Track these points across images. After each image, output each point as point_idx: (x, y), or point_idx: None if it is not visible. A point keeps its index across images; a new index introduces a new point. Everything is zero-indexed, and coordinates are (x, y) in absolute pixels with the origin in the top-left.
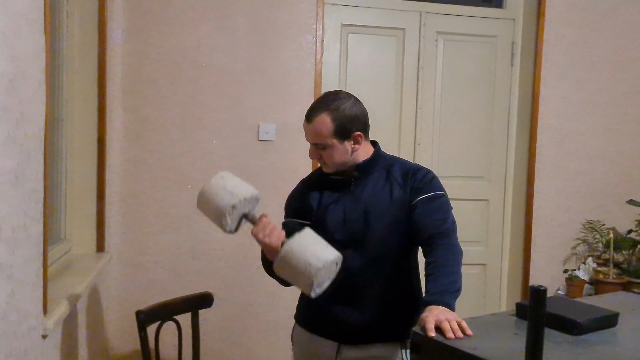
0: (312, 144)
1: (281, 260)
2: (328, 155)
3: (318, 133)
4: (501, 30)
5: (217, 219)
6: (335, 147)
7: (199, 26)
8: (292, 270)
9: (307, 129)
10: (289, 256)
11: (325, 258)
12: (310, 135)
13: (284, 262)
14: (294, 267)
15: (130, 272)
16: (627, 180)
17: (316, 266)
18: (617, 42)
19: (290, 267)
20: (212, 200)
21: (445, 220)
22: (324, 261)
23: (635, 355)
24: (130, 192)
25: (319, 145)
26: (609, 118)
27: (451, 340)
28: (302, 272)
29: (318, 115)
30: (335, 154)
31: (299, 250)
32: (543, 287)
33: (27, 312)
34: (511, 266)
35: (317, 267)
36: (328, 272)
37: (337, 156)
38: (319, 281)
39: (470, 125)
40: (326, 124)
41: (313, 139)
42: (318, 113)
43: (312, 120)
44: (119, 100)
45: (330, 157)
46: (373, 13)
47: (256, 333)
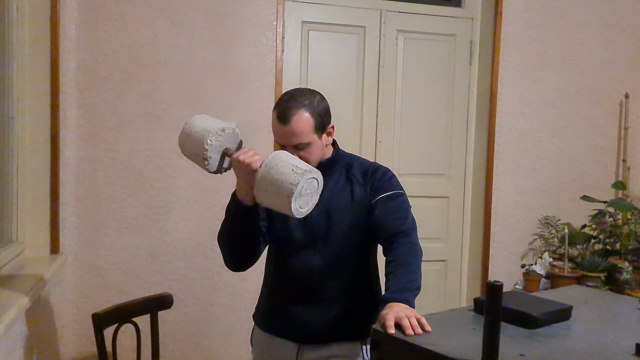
0: (290, 146)
1: (259, 181)
2: (309, 154)
3: (299, 132)
4: (460, 29)
5: (199, 152)
6: (315, 144)
7: (156, 22)
8: (271, 188)
9: (285, 130)
10: (270, 171)
11: (302, 169)
12: (289, 136)
13: (261, 182)
14: (276, 180)
15: (86, 274)
16: (581, 177)
17: (300, 170)
18: (570, 42)
19: (272, 182)
20: (192, 134)
21: (405, 219)
22: (301, 172)
23: (587, 347)
24: (85, 192)
25: (300, 146)
26: (563, 116)
27: (411, 337)
28: (281, 187)
29: (296, 114)
30: (315, 151)
31: (275, 165)
32: (499, 282)
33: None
34: (471, 262)
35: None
36: (307, 187)
37: (316, 153)
38: (298, 192)
39: (430, 123)
40: (307, 121)
41: (293, 140)
42: (295, 112)
43: (291, 120)
44: (73, 97)
45: (310, 156)
46: (334, 10)
47: (217, 334)
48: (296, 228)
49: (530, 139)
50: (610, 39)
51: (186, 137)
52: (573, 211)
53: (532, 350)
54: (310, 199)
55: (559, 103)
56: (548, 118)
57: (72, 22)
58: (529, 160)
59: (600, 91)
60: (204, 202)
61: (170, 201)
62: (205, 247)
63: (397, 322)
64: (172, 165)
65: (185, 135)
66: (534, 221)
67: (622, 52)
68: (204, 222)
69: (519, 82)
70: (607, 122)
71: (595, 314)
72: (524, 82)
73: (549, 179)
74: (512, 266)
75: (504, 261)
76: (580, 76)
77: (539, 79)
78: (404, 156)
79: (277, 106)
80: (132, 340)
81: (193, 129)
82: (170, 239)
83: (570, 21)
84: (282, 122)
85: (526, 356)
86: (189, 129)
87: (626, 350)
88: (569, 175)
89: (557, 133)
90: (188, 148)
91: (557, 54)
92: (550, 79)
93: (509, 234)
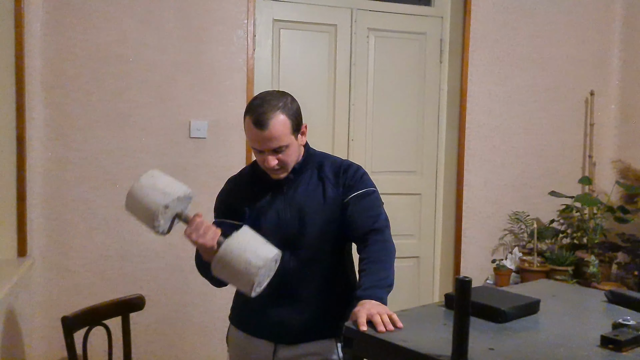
0: (268, 150)
1: (219, 261)
2: (287, 156)
3: (278, 135)
4: (430, 28)
5: (149, 221)
6: (292, 145)
7: (124, 20)
8: (232, 271)
9: (263, 136)
10: (227, 256)
11: (265, 256)
12: (267, 141)
13: (222, 262)
14: (234, 267)
15: (55, 277)
16: (549, 172)
17: (257, 265)
18: (537, 40)
19: (230, 267)
20: (143, 201)
21: (378, 217)
22: (264, 259)
23: (554, 339)
24: (53, 193)
25: (279, 149)
26: (531, 114)
27: (382, 334)
28: (242, 272)
29: (273, 118)
30: (293, 152)
31: (238, 249)
32: (467, 278)
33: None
34: (443, 258)
35: (258, 266)
36: (268, 270)
37: (294, 154)
38: (259, 280)
39: (402, 121)
40: (285, 123)
41: (272, 144)
42: (272, 115)
43: (269, 124)
44: (40, 97)
45: (289, 158)
46: (305, 9)
47: (190, 335)
48: (269, 232)
49: (500, 136)
50: (577, 37)
51: (134, 202)
52: (541, 206)
53: (501, 344)
54: (269, 276)
55: (527, 100)
56: (516, 115)
57: (38, 19)
58: (499, 156)
59: (567, 89)
60: None
61: None
62: (178, 248)
63: (369, 319)
64: (142, 165)
65: (134, 200)
66: (504, 217)
67: (588, 50)
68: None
69: (488, 80)
70: (573, 119)
71: (562, 307)
72: (493, 79)
73: (518, 175)
74: (483, 261)
75: (476, 256)
76: (547, 74)
77: (508, 76)
78: (377, 154)
79: (251, 112)
80: (104, 343)
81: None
82: (141, 240)
83: (537, 20)
84: (259, 127)
85: (495, 350)
86: (139, 192)
87: (591, 341)
88: (537, 171)
89: (526, 130)
90: (136, 213)
91: (525, 52)
92: (519, 77)
93: (480, 230)
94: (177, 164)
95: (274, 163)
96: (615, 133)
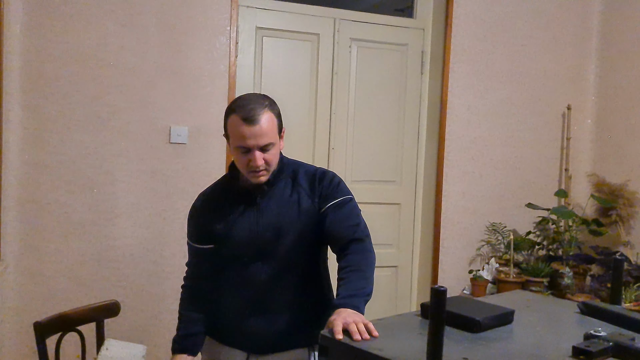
0: (257, 147)
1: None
2: (272, 156)
3: (268, 131)
4: (412, 39)
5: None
6: (277, 146)
7: (105, 23)
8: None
9: (254, 131)
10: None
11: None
12: (258, 137)
13: None
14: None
15: (29, 282)
16: (526, 185)
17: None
18: (517, 54)
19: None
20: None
21: (357, 226)
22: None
23: (527, 349)
24: (29, 197)
25: (268, 146)
26: (509, 126)
27: (358, 342)
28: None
29: (264, 114)
30: (276, 153)
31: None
32: (442, 287)
33: None
34: (421, 268)
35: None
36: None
37: (277, 155)
38: None
39: (382, 131)
40: (273, 121)
41: (263, 140)
42: (262, 112)
43: (259, 120)
44: (17, 99)
45: (274, 157)
46: (288, 17)
47: (166, 342)
48: (244, 245)
49: (478, 148)
50: (554, 52)
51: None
52: (518, 218)
53: (475, 354)
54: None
55: (505, 113)
56: (495, 127)
57: (17, 21)
58: (477, 168)
59: (544, 102)
60: (153, 208)
61: (118, 206)
62: (154, 253)
63: (345, 327)
64: (120, 170)
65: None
66: (482, 227)
67: (565, 65)
68: (153, 228)
69: (467, 92)
70: (550, 132)
71: (536, 317)
72: (473, 92)
73: (496, 187)
74: (460, 271)
75: (453, 267)
76: (525, 88)
77: (487, 89)
78: (357, 163)
79: (238, 109)
80: (77, 349)
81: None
82: (117, 245)
83: (516, 34)
84: (250, 123)
85: (469, 359)
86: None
87: (564, 352)
88: (515, 183)
89: (504, 142)
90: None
91: (504, 65)
92: (497, 90)
93: (457, 240)
94: (157, 170)
95: (261, 162)
96: (591, 147)
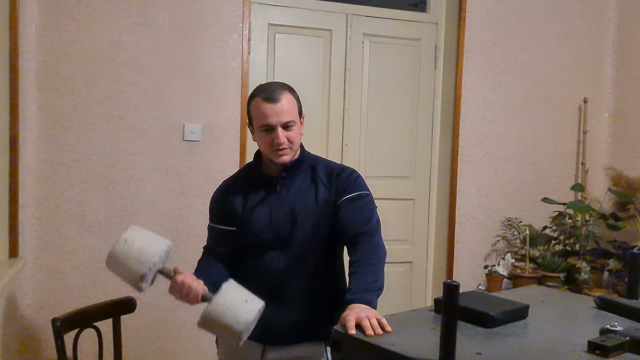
0: (281, 125)
1: (204, 324)
2: (294, 134)
3: (289, 110)
4: (425, 34)
5: (130, 282)
6: (297, 127)
7: (119, 22)
8: (216, 331)
9: (275, 109)
10: (210, 320)
11: (246, 319)
12: (279, 114)
13: (205, 324)
14: (217, 329)
15: (47, 279)
16: (542, 179)
17: (238, 329)
18: (531, 47)
19: (214, 329)
20: (121, 269)
21: (369, 220)
22: (244, 324)
23: (542, 345)
24: (46, 195)
25: (290, 123)
26: (525, 121)
27: (371, 337)
28: (225, 334)
29: (283, 94)
30: (297, 134)
31: (220, 316)
32: (455, 282)
33: None
34: (436, 263)
35: (239, 330)
36: (252, 325)
37: (298, 136)
38: (244, 337)
39: (396, 126)
40: (293, 101)
41: (284, 118)
42: (282, 92)
43: (280, 100)
44: (33, 98)
45: (296, 137)
46: (300, 13)
47: (181, 338)
48: (262, 230)
49: (493, 142)
50: (570, 45)
51: (113, 269)
52: (534, 213)
53: (489, 349)
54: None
55: (520, 107)
56: (510, 122)
57: (32, 21)
58: (492, 163)
59: (560, 96)
60: (168, 205)
61: (134, 204)
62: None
63: (357, 322)
64: (135, 167)
65: (112, 268)
66: (497, 223)
67: (582, 58)
68: (168, 225)
69: (482, 87)
70: (566, 126)
71: (551, 312)
72: (487, 86)
73: (511, 182)
74: (475, 267)
75: (468, 262)
76: (541, 81)
77: (502, 83)
78: (370, 159)
79: (260, 92)
80: (94, 345)
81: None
82: None
83: (531, 27)
84: (272, 102)
85: (483, 354)
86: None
87: (579, 347)
88: (530, 177)
89: (519, 136)
90: (119, 272)
91: (519, 59)
92: (512, 84)
93: (472, 236)
94: (171, 167)
95: (283, 139)
96: (608, 140)
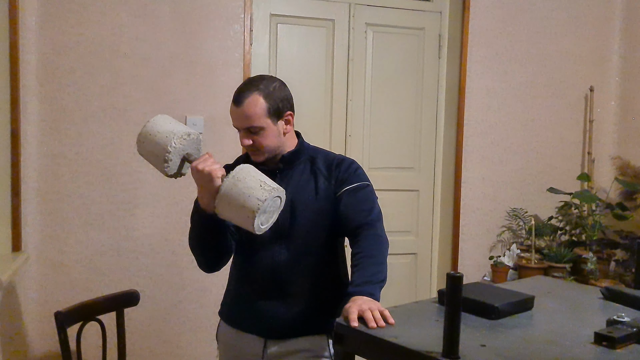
0: (243, 129)
1: (223, 194)
2: (262, 139)
3: (250, 115)
4: (428, 23)
5: (158, 162)
6: (269, 129)
7: (119, 14)
8: (236, 202)
9: (237, 113)
10: (237, 184)
11: (270, 186)
12: (241, 119)
13: (226, 194)
14: (237, 198)
15: (50, 272)
16: (547, 169)
17: (268, 187)
18: (536, 36)
19: (233, 199)
20: (149, 145)
21: (370, 211)
22: (269, 189)
23: (547, 336)
24: (48, 188)
25: (252, 129)
26: (530, 110)
27: (373, 330)
28: (246, 201)
29: (249, 97)
30: (269, 136)
31: (242, 178)
32: (458, 273)
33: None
34: (441, 255)
35: (268, 189)
36: (271, 204)
37: (270, 139)
38: (264, 208)
39: (400, 117)
40: (259, 104)
41: (245, 123)
42: (248, 94)
43: (243, 103)
44: (34, 91)
45: (265, 141)
46: (302, 3)
47: (185, 331)
48: None
49: (498, 132)
50: (576, 33)
51: (147, 136)
52: (540, 203)
53: (493, 341)
54: (272, 216)
55: (525, 97)
56: (515, 111)
57: (33, 13)
58: (497, 153)
59: (566, 85)
60: (171, 197)
61: (137, 196)
62: (173, 243)
63: (360, 314)
64: (138, 160)
65: (147, 134)
66: (502, 213)
67: (587, 45)
68: (171, 217)
69: (486, 76)
70: (572, 115)
71: (557, 303)
72: (492, 76)
73: (516, 172)
74: (480, 258)
75: (473, 253)
76: (546, 70)
77: (506, 72)
78: (374, 150)
79: (237, 90)
80: (98, 338)
81: (156, 129)
82: (136, 235)
83: (536, 15)
84: (235, 104)
85: (487, 346)
86: (152, 129)
87: (585, 338)
88: (536, 167)
89: (524, 126)
90: (148, 148)
91: (524, 48)
92: (517, 73)
93: (477, 226)
94: None
95: (247, 142)
96: (615, 129)
